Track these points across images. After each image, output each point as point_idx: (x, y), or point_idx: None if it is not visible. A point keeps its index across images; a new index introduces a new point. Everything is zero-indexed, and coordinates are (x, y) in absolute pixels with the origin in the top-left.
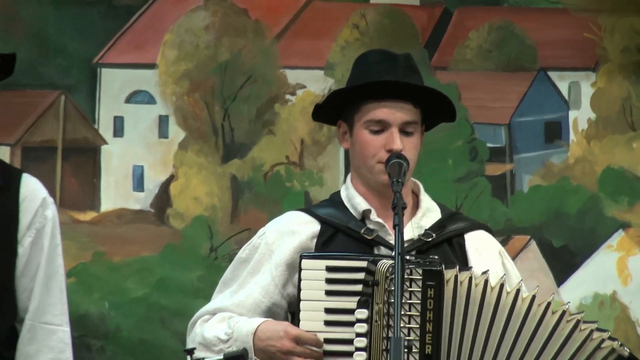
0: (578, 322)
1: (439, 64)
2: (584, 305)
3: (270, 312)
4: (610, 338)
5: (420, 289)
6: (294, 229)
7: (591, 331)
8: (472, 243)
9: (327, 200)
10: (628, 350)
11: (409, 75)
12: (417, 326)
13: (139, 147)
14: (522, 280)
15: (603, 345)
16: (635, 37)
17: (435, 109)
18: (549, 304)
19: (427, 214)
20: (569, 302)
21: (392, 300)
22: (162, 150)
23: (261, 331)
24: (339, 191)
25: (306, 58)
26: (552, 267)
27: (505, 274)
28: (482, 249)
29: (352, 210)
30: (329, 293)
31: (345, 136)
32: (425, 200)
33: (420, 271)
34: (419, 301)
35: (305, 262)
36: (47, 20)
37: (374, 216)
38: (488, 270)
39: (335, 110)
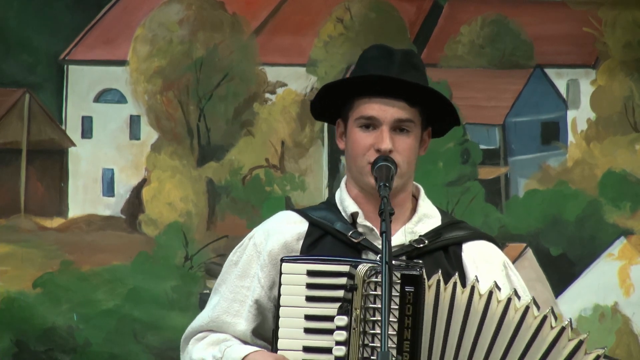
0: (581, 342)
1: (429, 61)
2: (584, 318)
3: (262, 316)
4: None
5: (398, 294)
6: (282, 228)
7: (597, 357)
8: (470, 254)
9: (323, 203)
10: None
11: (406, 71)
12: (394, 333)
13: (108, 149)
14: (532, 299)
15: None
16: (638, 32)
17: (435, 110)
18: (545, 317)
19: (423, 220)
20: (570, 319)
21: (370, 306)
22: (134, 153)
23: None
24: (334, 194)
25: (287, 54)
26: (550, 277)
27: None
28: (481, 260)
29: (343, 213)
30: (309, 299)
31: (342, 136)
32: (424, 205)
33: (398, 275)
34: (397, 307)
35: (285, 266)
36: (9, 12)
37: (361, 219)
38: (476, 276)
39: (334, 108)
